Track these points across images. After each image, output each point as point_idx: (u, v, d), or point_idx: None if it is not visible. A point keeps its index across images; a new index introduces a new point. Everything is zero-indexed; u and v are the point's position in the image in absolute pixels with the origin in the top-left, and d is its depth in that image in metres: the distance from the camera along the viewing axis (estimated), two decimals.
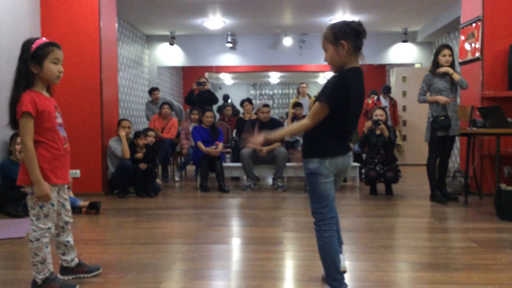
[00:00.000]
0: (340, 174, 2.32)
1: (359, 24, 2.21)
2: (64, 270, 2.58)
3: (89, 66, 5.64)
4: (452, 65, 4.99)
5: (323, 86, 2.26)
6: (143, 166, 5.58)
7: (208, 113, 6.45)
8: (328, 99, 2.16)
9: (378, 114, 5.62)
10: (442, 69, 4.93)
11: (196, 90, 7.83)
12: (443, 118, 4.89)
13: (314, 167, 2.22)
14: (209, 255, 3.08)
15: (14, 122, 2.32)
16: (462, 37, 6.04)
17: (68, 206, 2.55)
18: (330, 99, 2.16)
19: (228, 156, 7.50)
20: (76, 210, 4.37)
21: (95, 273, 2.63)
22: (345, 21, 2.24)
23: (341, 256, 2.51)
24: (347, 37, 2.17)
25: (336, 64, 2.23)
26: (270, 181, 6.78)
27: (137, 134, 5.75)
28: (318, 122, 2.21)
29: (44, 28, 5.62)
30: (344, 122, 2.22)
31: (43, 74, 2.34)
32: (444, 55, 4.95)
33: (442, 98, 4.87)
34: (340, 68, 2.22)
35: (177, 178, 7.35)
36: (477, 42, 5.65)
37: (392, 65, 11.20)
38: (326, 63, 2.31)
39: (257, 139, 2.37)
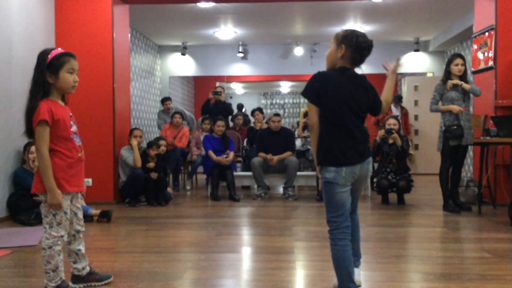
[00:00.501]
0: (359, 181, 2.30)
1: (367, 42, 2.25)
2: (76, 278, 2.59)
3: (102, 76, 5.71)
4: (464, 74, 4.95)
5: None
6: (154, 176, 5.59)
7: (219, 122, 6.47)
8: (305, 94, 2.27)
9: (391, 123, 5.58)
10: (450, 82, 4.89)
11: (212, 99, 7.89)
12: (455, 127, 4.85)
13: (331, 176, 2.20)
14: (220, 264, 3.07)
15: (30, 131, 2.36)
16: (475, 46, 6.00)
17: (81, 215, 2.57)
18: (308, 94, 2.25)
19: (239, 165, 7.51)
20: (87, 218, 4.39)
21: (106, 282, 2.63)
22: (359, 33, 2.27)
23: (357, 270, 2.48)
24: (349, 45, 2.24)
25: (330, 61, 2.32)
26: (281, 190, 6.76)
27: (150, 145, 5.77)
28: (317, 122, 2.24)
29: (58, 39, 5.71)
30: (339, 122, 2.21)
31: (59, 84, 2.37)
32: (457, 64, 4.92)
33: (455, 108, 4.83)
34: (330, 66, 2.33)
35: (188, 187, 7.37)
36: (490, 51, 5.61)
37: (404, 74, 11.16)
38: None
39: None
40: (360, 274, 2.55)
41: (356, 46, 2.23)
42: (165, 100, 8.25)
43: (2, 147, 4.71)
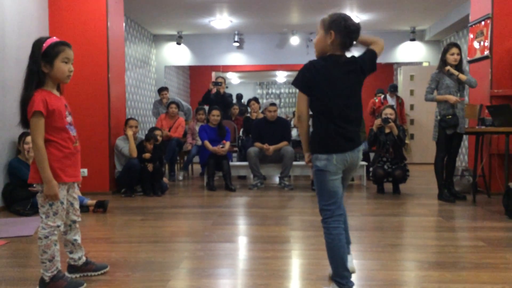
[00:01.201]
0: (349, 169, 2.29)
1: (355, 25, 2.23)
2: (72, 268, 2.59)
3: (97, 66, 5.67)
4: (460, 64, 4.95)
5: None
6: (150, 167, 5.58)
7: (214, 112, 6.45)
8: (295, 83, 2.26)
9: (388, 113, 5.58)
10: (448, 68, 4.89)
11: (213, 90, 7.86)
12: (450, 116, 4.85)
13: (322, 164, 2.20)
14: (216, 253, 3.08)
15: (24, 121, 2.33)
16: (471, 35, 6.00)
17: (77, 205, 2.56)
18: (298, 84, 2.24)
19: (235, 155, 7.51)
20: (83, 208, 4.38)
21: (102, 271, 2.64)
22: (346, 16, 2.26)
23: (349, 257, 2.49)
24: (337, 30, 2.21)
25: (319, 50, 2.30)
26: (277, 180, 6.78)
27: (147, 138, 5.72)
28: (305, 111, 2.24)
29: (52, 28, 5.65)
30: (330, 112, 2.20)
31: (54, 74, 2.34)
32: (452, 54, 4.91)
33: (452, 98, 4.82)
34: (320, 54, 2.30)
35: (180, 178, 7.28)
36: (486, 40, 5.60)
37: (399, 64, 11.15)
38: None
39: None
40: (353, 261, 2.57)
41: (346, 31, 2.21)
42: (161, 90, 8.19)
43: None
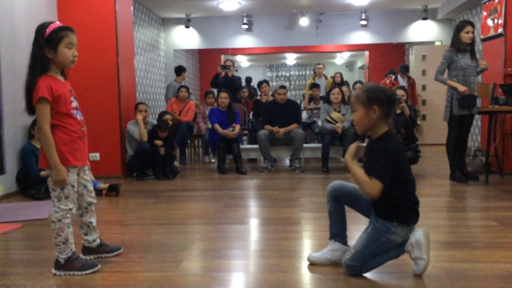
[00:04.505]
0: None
1: (393, 93, 2.25)
2: (86, 250, 2.63)
3: (106, 50, 5.67)
4: (473, 43, 4.84)
5: (374, 160, 2.17)
6: (162, 151, 5.61)
7: (222, 94, 6.42)
8: (384, 178, 2.14)
9: (399, 94, 5.51)
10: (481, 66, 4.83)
11: (221, 73, 7.83)
12: (470, 96, 4.73)
13: (392, 238, 2.25)
14: (228, 235, 3.10)
15: (30, 108, 2.33)
16: (484, 13, 5.87)
17: (91, 187, 2.58)
18: (387, 173, 2.14)
19: (245, 138, 7.51)
20: (96, 192, 4.38)
21: (116, 253, 2.67)
22: (379, 87, 2.25)
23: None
24: (380, 104, 2.20)
25: (365, 126, 2.26)
26: (287, 162, 6.78)
27: (159, 126, 5.73)
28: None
29: (60, 13, 5.65)
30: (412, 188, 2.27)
31: (58, 59, 2.33)
32: (468, 32, 4.78)
33: (461, 88, 4.70)
34: (366, 131, 2.27)
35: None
36: (500, 18, 5.48)
37: (411, 44, 10.98)
38: (343, 44, 2.30)
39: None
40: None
41: (388, 101, 2.20)
42: (182, 70, 8.15)
43: (8, 123, 4.72)
